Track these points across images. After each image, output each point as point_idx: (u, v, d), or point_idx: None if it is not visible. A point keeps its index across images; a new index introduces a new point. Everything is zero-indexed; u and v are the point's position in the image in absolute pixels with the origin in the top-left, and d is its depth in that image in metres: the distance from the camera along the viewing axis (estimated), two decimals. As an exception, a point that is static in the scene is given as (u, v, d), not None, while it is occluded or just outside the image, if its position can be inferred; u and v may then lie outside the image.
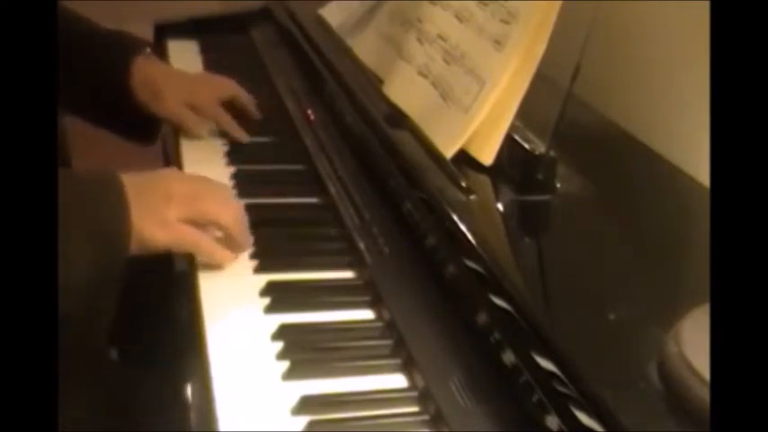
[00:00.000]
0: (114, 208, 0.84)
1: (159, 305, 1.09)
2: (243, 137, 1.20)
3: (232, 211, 0.91)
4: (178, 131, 1.21)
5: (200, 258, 0.89)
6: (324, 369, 0.75)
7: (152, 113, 1.22)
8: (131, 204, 0.84)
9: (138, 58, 1.23)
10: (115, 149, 1.30)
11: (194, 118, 1.21)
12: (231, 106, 1.24)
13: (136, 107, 1.22)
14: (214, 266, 0.89)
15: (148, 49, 1.26)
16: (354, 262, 0.91)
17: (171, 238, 0.87)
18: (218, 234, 0.90)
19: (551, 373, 0.63)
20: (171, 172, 0.98)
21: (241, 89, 1.26)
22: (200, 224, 0.89)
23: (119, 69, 1.21)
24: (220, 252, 0.89)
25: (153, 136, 1.30)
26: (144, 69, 1.22)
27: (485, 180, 0.89)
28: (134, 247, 0.84)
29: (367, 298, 0.85)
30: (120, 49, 1.23)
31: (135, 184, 0.86)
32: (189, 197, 0.88)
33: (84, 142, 1.27)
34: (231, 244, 0.90)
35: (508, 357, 0.69)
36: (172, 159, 1.21)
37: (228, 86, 1.26)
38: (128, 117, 1.24)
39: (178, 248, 0.89)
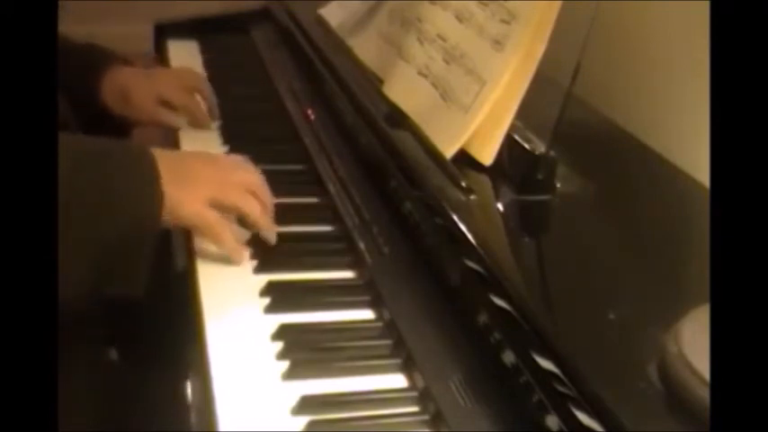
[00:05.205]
0: (146, 177, 0.85)
1: (159, 305, 1.09)
2: (210, 125, 1.23)
3: (255, 200, 0.91)
4: (176, 137, 1.22)
5: (208, 243, 0.90)
6: (324, 369, 0.75)
7: (127, 120, 1.24)
8: (163, 175, 0.85)
9: (107, 72, 1.23)
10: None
11: (167, 112, 1.23)
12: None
13: (110, 119, 1.23)
14: (215, 262, 0.89)
15: (116, 59, 1.26)
16: (354, 262, 0.91)
17: (194, 216, 0.87)
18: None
19: (551, 373, 0.63)
20: (200, 153, 1.00)
21: (204, 81, 1.29)
22: (222, 209, 0.89)
23: (90, 87, 1.22)
24: (237, 249, 0.90)
25: None
26: (113, 81, 1.23)
27: (485, 180, 0.89)
28: (165, 217, 0.85)
29: (367, 298, 0.85)
30: (89, 66, 1.24)
31: (166, 158, 0.87)
32: (216, 181, 0.90)
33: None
34: (261, 229, 0.91)
35: (508, 357, 0.69)
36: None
37: (192, 77, 1.29)
38: (101, 129, 1.24)
39: (197, 229, 0.89)
